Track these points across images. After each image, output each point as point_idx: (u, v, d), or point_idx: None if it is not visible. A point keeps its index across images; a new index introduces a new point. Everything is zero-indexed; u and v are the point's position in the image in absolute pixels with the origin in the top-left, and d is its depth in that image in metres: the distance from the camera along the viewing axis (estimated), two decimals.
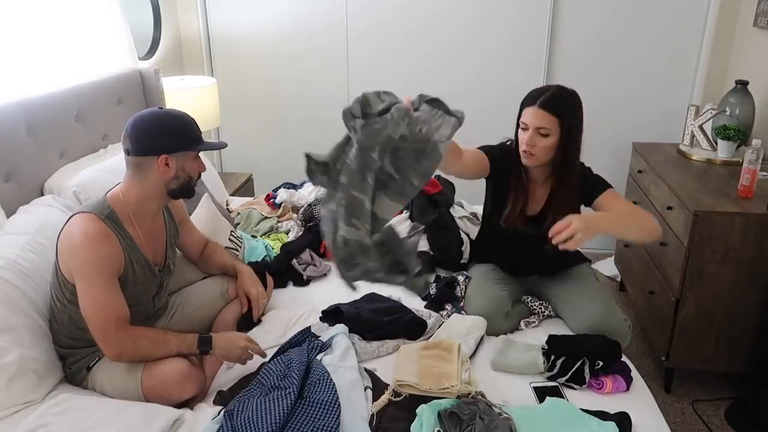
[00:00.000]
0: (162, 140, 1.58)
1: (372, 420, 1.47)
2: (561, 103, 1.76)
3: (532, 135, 1.77)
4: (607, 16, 3.18)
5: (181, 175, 1.63)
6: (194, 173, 1.67)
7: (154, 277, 1.70)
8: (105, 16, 2.62)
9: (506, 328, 1.92)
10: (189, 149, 1.62)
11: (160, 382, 1.54)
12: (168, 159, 1.59)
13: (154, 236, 1.72)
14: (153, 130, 1.58)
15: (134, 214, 1.63)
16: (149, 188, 1.62)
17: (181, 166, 1.62)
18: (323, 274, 2.28)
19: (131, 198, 1.62)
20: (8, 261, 1.62)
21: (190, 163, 1.64)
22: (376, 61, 3.41)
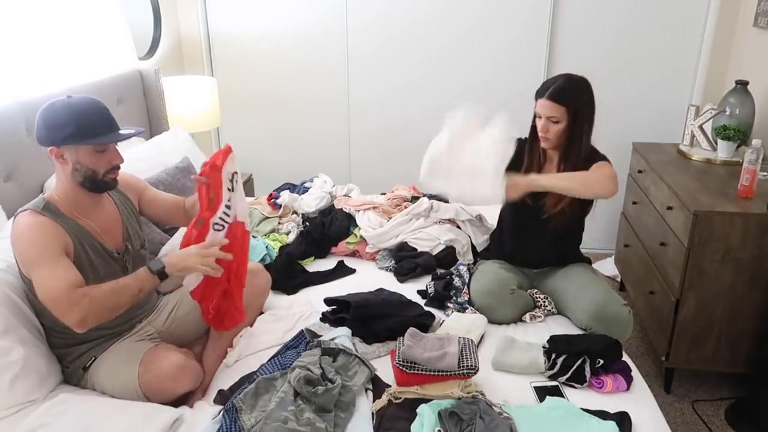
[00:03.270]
0: (49, 132, 1.51)
1: (373, 419, 1.47)
2: (567, 93, 1.95)
3: (545, 123, 1.98)
4: (608, 16, 3.18)
5: (80, 167, 1.55)
6: (97, 166, 1.56)
7: (115, 261, 1.67)
8: (105, 16, 2.62)
9: (510, 312, 1.95)
10: (73, 143, 1.51)
11: (156, 376, 1.54)
12: (60, 152, 1.53)
13: (108, 223, 1.68)
14: (43, 121, 1.52)
15: (74, 207, 1.60)
16: (63, 181, 1.58)
17: (75, 158, 1.54)
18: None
19: (61, 192, 1.59)
20: (9, 264, 1.63)
21: (88, 156, 1.54)
22: (376, 61, 3.41)
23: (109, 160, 1.59)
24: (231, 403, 1.48)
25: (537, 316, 1.98)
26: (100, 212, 1.67)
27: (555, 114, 1.95)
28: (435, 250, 2.36)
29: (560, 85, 1.95)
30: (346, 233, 2.53)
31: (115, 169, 1.62)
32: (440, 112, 3.42)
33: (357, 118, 3.54)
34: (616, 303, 1.89)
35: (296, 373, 1.50)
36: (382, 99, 3.48)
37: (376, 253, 2.43)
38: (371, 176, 3.60)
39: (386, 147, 3.57)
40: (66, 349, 1.64)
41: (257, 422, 1.40)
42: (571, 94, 1.95)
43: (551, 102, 1.94)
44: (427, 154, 1.97)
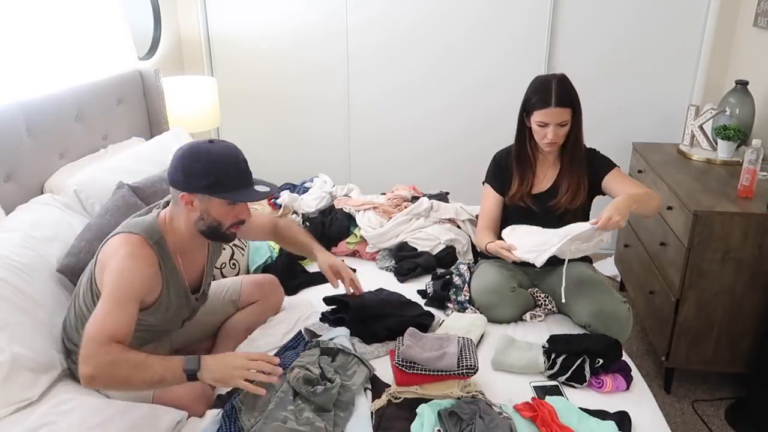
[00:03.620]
0: (185, 177, 1.46)
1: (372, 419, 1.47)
2: (569, 95, 1.96)
3: (555, 129, 1.96)
4: (608, 16, 3.18)
5: (207, 218, 1.51)
6: (224, 219, 1.52)
7: (189, 303, 1.66)
8: (105, 16, 2.62)
9: (511, 311, 1.96)
10: (209, 194, 1.47)
11: (171, 399, 1.51)
12: (191, 198, 1.48)
13: (195, 264, 1.67)
14: (181, 165, 1.47)
15: (179, 246, 1.57)
16: (183, 225, 1.54)
17: (205, 208, 1.49)
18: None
19: (174, 228, 1.55)
20: (2, 258, 1.61)
21: (218, 208, 1.50)
22: (376, 61, 3.41)
23: (237, 214, 1.54)
24: (230, 403, 1.48)
25: (537, 315, 1.98)
26: (196, 257, 1.66)
27: (565, 118, 1.95)
28: (435, 249, 2.36)
29: (561, 88, 1.94)
30: (346, 233, 2.53)
31: (239, 224, 1.57)
32: (440, 112, 3.45)
33: (357, 117, 3.54)
34: (616, 301, 1.89)
35: (295, 372, 1.50)
36: (382, 99, 3.47)
37: (376, 253, 2.43)
38: (371, 176, 3.60)
39: (386, 147, 3.57)
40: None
41: (256, 422, 1.40)
42: (571, 94, 1.96)
43: (561, 108, 1.93)
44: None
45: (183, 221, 1.54)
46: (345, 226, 2.55)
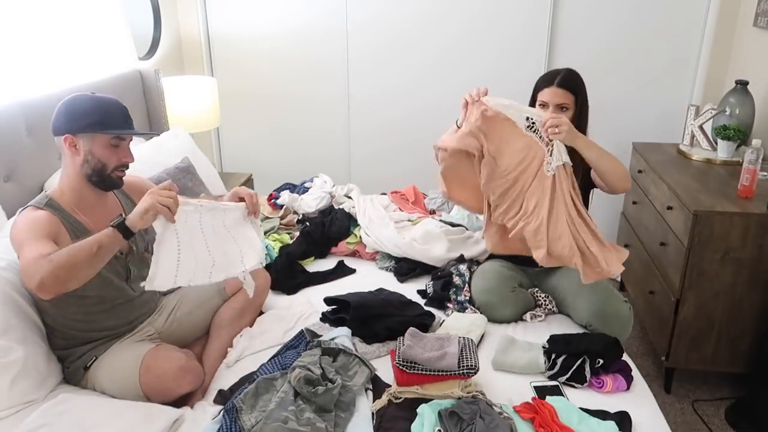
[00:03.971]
0: (69, 120, 1.54)
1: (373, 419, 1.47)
2: (575, 82, 1.97)
3: (553, 110, 1.94)
4: (608, 16, 3.18)
5: (91, 159, 1.56)
6: (108, 160, 1.58)
7: (117, 260, 1.66)
8: (105, 16, 2.62)
9: (511, 311, 1.96)
10: (93, 131, 1.54)
11: (157, 377, 1.54)
12: (74, 140, 1.55)
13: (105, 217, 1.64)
14: (64, 110, 1.55)
15: (76, 204, 1.61)
16: (71, 174, 1.59)
17: (89, 149, 1.56)
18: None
19: (65, 187, 1.60)
20: (9, 262, 1.63)
21: (102, 149, 1.56)
22: (375, 60, 3.40)
23: (121, 157, 1.61)
24: (231, 403, 1.48)
25: (538, 315, 1.98)
26: (102, 211, 1.67)
27: (566, 101, 1.94)
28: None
29: (566, 73, 1.97)
30: (346, 233, 2.53)
31: (123, 167, 1.63)
32: (440, 112, 3.45)
33: (357, 117, 3.54)
34: (617, 300, 1.89)
35: (296, 373, 1.50)
36: (382, 98, 3.47)
37: (376, 253, 2.42)
38: (371, 176, 3.60)
39: (386, 147, 3.57)
40: (67, 350, 1.64)
41: (257, 422, 1.40)
42: (577, 83, 1.97)
43: (562, 89, 1.94)
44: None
45: (70, 170, 1.59)
46: (345, 226, 2.55)
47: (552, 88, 1.95)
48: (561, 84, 1.94)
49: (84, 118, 1.54)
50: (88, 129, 1.54)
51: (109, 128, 1.56)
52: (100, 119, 1.55)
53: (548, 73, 2.02)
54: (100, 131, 1.55)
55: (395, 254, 2.33)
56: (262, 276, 2.01)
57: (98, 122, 1.54)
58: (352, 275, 2.30)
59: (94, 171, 1.58)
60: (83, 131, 1.54)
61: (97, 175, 1.59)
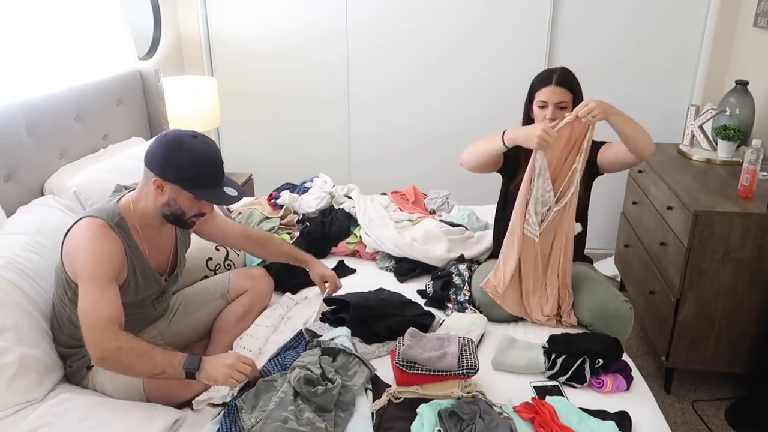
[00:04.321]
0: (164, 164, 1.53)
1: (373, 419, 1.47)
2: (571, 80, 1.98)
3: (554, 110, 1.95)
4: (607, 16, 3.19)
5: (173, 205, 1.58)
6: (188, 210, 1.59)
7: (158, 285, 1.70)
8: (105, 16, 2.62)
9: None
10: (182, 187, 1.54)
11: (163, 384, 1.53)
12: (163, 184, 1.55)
13: (160, 247, 1.71)
14: (162, 153, 1.53)
15: (141, 227, 1.62)
16: (149, 204, 1.60)
17: (174, 197, 1.56)
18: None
19: (138, 209, 1.61)
20: (9, 260, 1.62)
21: (186, 201, 1.57)
22: (376, 60, 3.41)
23: (201, 208, 1.61)
24: (231, 403, 1.48)
25: None
26: (159, 240, 1.70)
27: (564, 99, 1.95)
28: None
29: (563, 72, 1.98)
30: (347, 233, 2.53)
31: (200, 216, 1.64)
32: (441, 111, 3.45)
33: (357, 117, 3.54)
34: (617, 299, 1.89)
35: (296, 373, 1.50)
36: (382, 98, 3.48)
37: (376, 253, 2.42)
38: (371, 176, 3.60)
39: (386, 146, 3.57)
40: (73, 348, 1.64)
41: (257, 422, 1.40)
42: (574, 81, 1.99)
43: (560, 87, 1.95)
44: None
45: (150, 202, 1.60)
46: (345, 226, 2.55)
47: (550, 86, 1.95)
48: (559, 82, 1.95)
49: (179, 171, 1.52)
50: (179, 183, 1.54)
51: (200, 188, 1.55)
52: (195, 177, 1.53)
53: (543, 72, 2.02)
54: (189, 190, 1.54)
55: (395, 254, 2.33)
56: (265, 281, 2.02)
57: (190, 179, 1.53)
58: (352, 275, 2.30)
59: (172, 214, 1.60)
60: (173, 182, 1.54)
61: (174, 218, 1.61)
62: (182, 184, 1.54)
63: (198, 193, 1.55)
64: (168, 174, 1.53)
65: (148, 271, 1.65)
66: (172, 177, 1.53)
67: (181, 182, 1.53)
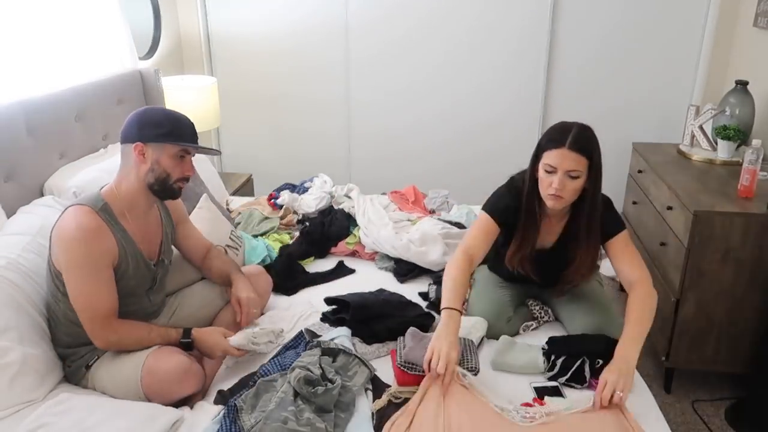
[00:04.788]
0: (140, 129, 1.59)
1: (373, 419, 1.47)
2: (589, 142, 1.65)
3: (562, 178, 1.64)
4: (608, 16, 3.19)
5: (156, 168, 1.61)
6: (172, 170, 1.63)
7: (149, 271, 1.71)
8: (105, 16, 2.62)
9: (507, 332, 1.90)
10: (164, 141, 1.59)
11: (160, 380, 1.54)
12: (143, 148, 1.59)
13: (149, 232, 1.73)
14: (137, 119, 1.61)
15: (128, 209, 1.64)
16: (132, 182, 1.63)
17: (156, 158, 1.60)
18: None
19: (122, 192, 1.63)
20: (10, 261, 1.63)
21: (168, 159, 1.61)
22: (376, 60, 3.41)
23: (184, 170, 1.66)
24: (231, 403, 1.48)
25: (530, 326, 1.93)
26: (146, 221, 1.72)
27: (578, 167, 1.62)
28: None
29: (579, 132, 1.64)
30: (346, 233, 2.53)
31: (184, 180, 1.68)
32: (441, 111, 3.45)
33: (357, 117, 3.54)
34: (612, 326, 1.78)
35: (296, 373, 1.50)
36: (383, 98, 3.48)
37: (375, 254, 2.42)
38: (371, 176, 3.60)
39: (386, 147, 3.57)
40: (71, 348, 1.64)
41: (257, 422, 1.40)
42: (591, 143, 1.65)
43: (575, 153, 1.61)
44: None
45: (132, 178, 1.63)
46: (345, 226, 2.55)
47: (562, 150, 1.61)
48: (573, 146, 1.60)
49: (156, 128, 1.59)
50: (159, 139, 1.59)
51: (179, 140, 1.61)
52: (171, 130, 1.61)
53: (555, 129, 1.68)
54: (171, 142, 1.60)
55: (392, 255, 2.33)
56: (264, 279, 2.02)
57: (169, 133, 1.60)
58: (352, 275, 2.30)
59: (157, 180, 1.63)
60: (154, 140, 1.59)
61: (160, 184, 1.64)
62: (162, 138, 1.59)
63: (181, 144, 1.61)
64: (146, 134, 1.59)
65: (138, 255, 1.66)
66: (152, 135, 1.59)
67: (160, 138, 1.59)
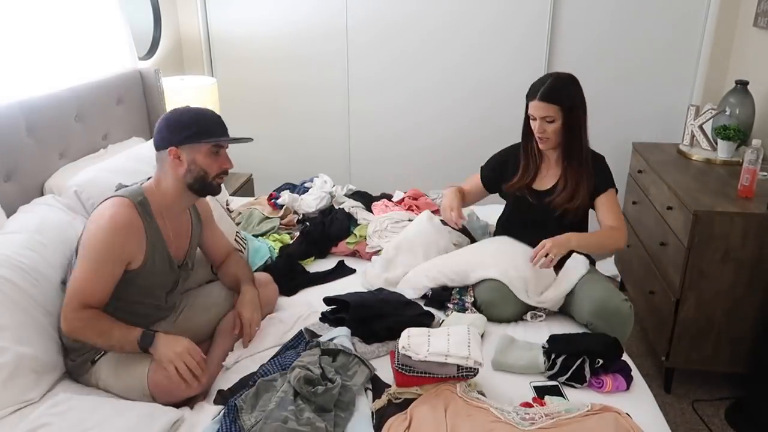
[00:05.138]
0: (171, 133, 1.61)
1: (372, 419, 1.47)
2: (557, 92, 1.99)
3: (540, 123, 2.02)
4: (607, 16, 3.18)
5: (194, 168, 1.63)
6: (209, 167, 1.65)
7: (173, 272, 1.72)
8: (105, 16, 2.62)
9: (513, 309, 1.96)
10: (195, 141, 1.61)
11: (167, 378, 1.54)
12: (178, 152, 1.61)
13: (180, 233, 1.75)
14: (165, 124, 1.63)
15: (165, 209, 1.67)
16: (171, 184, 1.66)
17: (192, 159, 1.63)
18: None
19: (161, 191, 1.67)
20: (6, 258, 1.61)
21: (203, 157, 1.64)
22: (376, 61, 3.41)
23: (221, 164, 1.68)
24: (231, 403, 1.48)
25: (539, 315, 1.98)
26: (179, 221, 1.75)
27: (549, 113, 1.99)
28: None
29: (550, 84, 1.99)
30: (346, 233, 2.53)
31: (223, 174, 1.70)
32: (441, 112, 3.45)
33: (357, 117, 3.54)
34: (617, 298, 1.88)
35: (296, 372, 1.50)
36: (383, 98, 3.47)
37: (375, 253, 2.42)
38: (371, 176, 3.60)
39: (386, 147, 3.57)
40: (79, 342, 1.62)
41: (257, 422, 1.40)
42: (561, 92, 1.99)
43: (543, 102, 1.98)
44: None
45: (170, 179, 1.65)
46: (345, 226, 2.55)
47: (535, 101, 2.00)
48: (543, 97, 1.98)
49: (186, 130, 1.61)
50: (190, 139, 1.61)
51: (209, 137, 1.63)
52: (200, 129, 1.62)
53: (536, 82, 2.04)
54: (202, 140, 1.62)
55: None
56: (271, 288, 2.02)
57: (199, 132, 1.61)
58: (352, 275, 2.30)
59: (196, 180, 1.65)
60: (186, 142, 1.61)
61: (199, 182, 1.66)
62: (193, 139, 1.61)
63: (212, 140, 1.62)
64: (177, 138, 1.60)
65: (165, 254, 1.68)
66: (183, 138, 1.60)
67: (191, 139, 1.61)
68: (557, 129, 2.02)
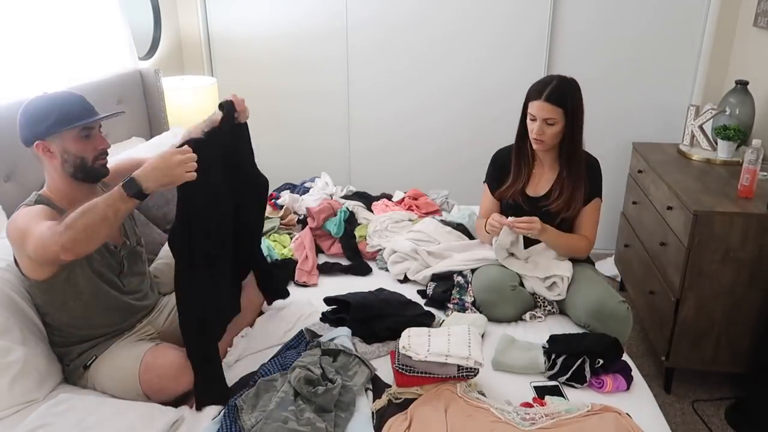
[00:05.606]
0: (32, 127, 1.52)
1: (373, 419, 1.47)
2: (563, 94, 1.96)
3: (540, 125, 1.99)
4: (607, 16, 3.18)
5: (68, 157, 1.55)
6: (84, 153, 1.56)
7: (113, 255, 1.66)
8: (105, 16, 2.62)
9: (512, 309, 1.96)
10: (58, 130, 1.51)
11: (158, 375, 1.54)
12: (46, 145, 1.53)
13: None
14: (24, 119, 1.54)
15: (68, 205, 1.59)
16: (57, 178, 1.58)
17: (62, 148, 1.54)
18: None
19: (55, 191, 1.60)
20: (9, 263, 1.62)
21: (74, 143, 1.54)
22: (376, 61, 3.40)
23: (96, 146, 1.59)
24: (231, 403, 1.48)
25: (537, 316, 1.98)
26: None
27: (552, 116, 1.96)
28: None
29: (556, 86, 1.96)
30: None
31: (103, 155, 1.62)
32: (441, 112, 3.45)
33: (357, 118, 3.54)
34: (614, 300, 1.88)
35: (296, 373, 1.50)
36: (383, 99, 3.47)
37: (375, 253, 2.42)
38: (371, 177, 3.60)
39: (387, 147, 3.57)
40: (66, 347, 1.64)
41: (257, 422, 1.40)
42: (566, 95, 1.97)
43: (549, 104, 1.95)
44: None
45: (54, 174, 1.57)
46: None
47: (539, 101, 1.96)
48: (549, 98, 1.94)
49: (45, 120, 1.51)
50: (53, 129, 1.52)
51: (72, 122, 1.53)
52: (61, 116, 1.52)
53: (538, 82, 2.01)
54: (65, 128, 1.52)
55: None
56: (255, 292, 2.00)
57: (60, 119, 1.52)
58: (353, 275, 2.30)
59: (75, 168, 1.57)
60: (49, 132, 1.52)
61: (80, 170, 1.58)
62: (55, 128, 1.51)
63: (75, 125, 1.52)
64: (39, 131, 1.51)
65: None
66: (44, 130, 1.51)
67: (53, 128, 1.51)
68: (556, 132, 1.99)
